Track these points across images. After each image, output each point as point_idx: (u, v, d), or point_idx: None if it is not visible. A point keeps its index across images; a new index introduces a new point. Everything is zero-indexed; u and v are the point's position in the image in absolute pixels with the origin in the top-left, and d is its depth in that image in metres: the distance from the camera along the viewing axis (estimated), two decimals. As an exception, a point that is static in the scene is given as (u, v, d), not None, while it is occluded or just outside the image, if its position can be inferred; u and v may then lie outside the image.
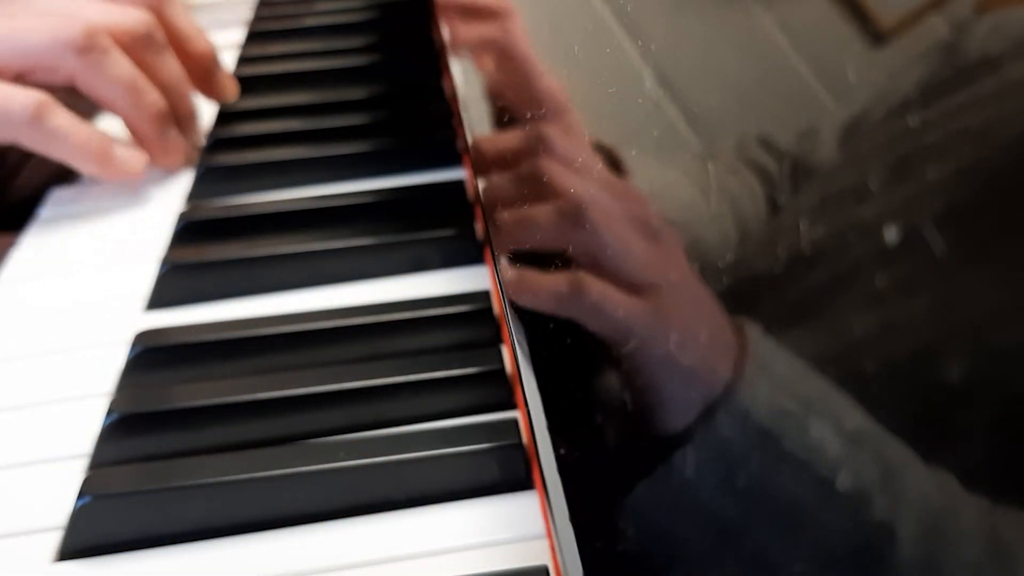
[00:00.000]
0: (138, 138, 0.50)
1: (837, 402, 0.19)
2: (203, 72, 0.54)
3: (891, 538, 0.17)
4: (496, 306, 0.39)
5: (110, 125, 0.52)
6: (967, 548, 0.16)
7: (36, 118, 0.44)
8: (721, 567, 0.20)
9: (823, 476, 0.18)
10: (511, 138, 0.35)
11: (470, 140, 0.39)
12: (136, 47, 0.48)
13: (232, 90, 0.56)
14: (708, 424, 0.21)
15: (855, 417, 0.18)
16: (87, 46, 0.46)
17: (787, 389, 0.20)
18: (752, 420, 0.20)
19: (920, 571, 0.16)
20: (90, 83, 0.47)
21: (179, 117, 0.52)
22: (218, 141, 0.54)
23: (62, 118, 0.45)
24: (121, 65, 0.47)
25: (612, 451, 0.24)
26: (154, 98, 0.49)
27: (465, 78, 0.44)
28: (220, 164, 0.51)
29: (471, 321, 0.38)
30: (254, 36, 0.68)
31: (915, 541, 0.16)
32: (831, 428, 0.18)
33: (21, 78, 0.46)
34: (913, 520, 0.17)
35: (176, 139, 0.51)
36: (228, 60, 0.65)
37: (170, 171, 0.51)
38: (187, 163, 0.52)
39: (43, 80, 0.47)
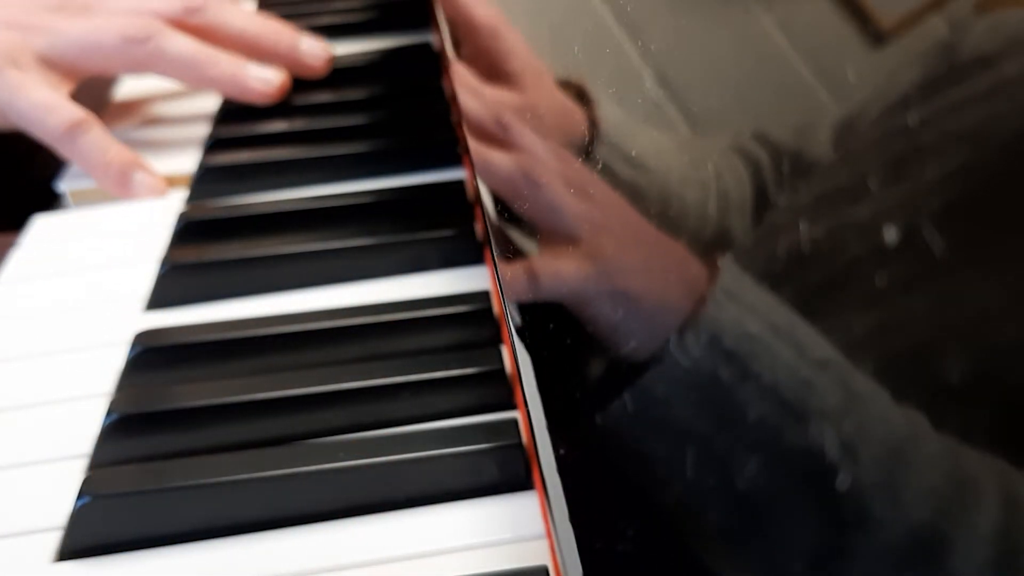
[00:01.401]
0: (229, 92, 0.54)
1: (804, 331, 0.20)
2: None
3: (853, 460, 0.17)
4: (496, 306, 0.39)
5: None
6: (928, 476, 0.16)
7: (69, 135, 0.48)
8: (694, 487, 0.21)
9: (787, 398, 0.19)
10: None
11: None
12: (190, 20, 0.53)
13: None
14: (679, 346, 0.22)
15: (821, 346, 0.19)
16: (145, 37, 0.50)
17: (755, 316, 0.21)
18: (720, 343, 0.21)
19: (879, 493, 0.17)
20: (161, 68, 0.52)
21: (263, 52, 0.55)
22: (218, 141, 0.54)
23: (92, 139, 0.49)
24: (181, 45, 0.51)
25: (612, 451, 0.24)
26: (221, 60, 0.52)
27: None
28: (220, 164, 0.51)
29: (471, 321, 0.38)
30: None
31: (875, 464, 0.17)
32: (796, 354, 0.19)
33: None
34: (874, 444, 0.17)
35: (264, 73, 0.54)
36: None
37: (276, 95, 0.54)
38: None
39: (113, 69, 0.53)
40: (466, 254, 0.42)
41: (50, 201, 0.51)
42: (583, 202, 0.28)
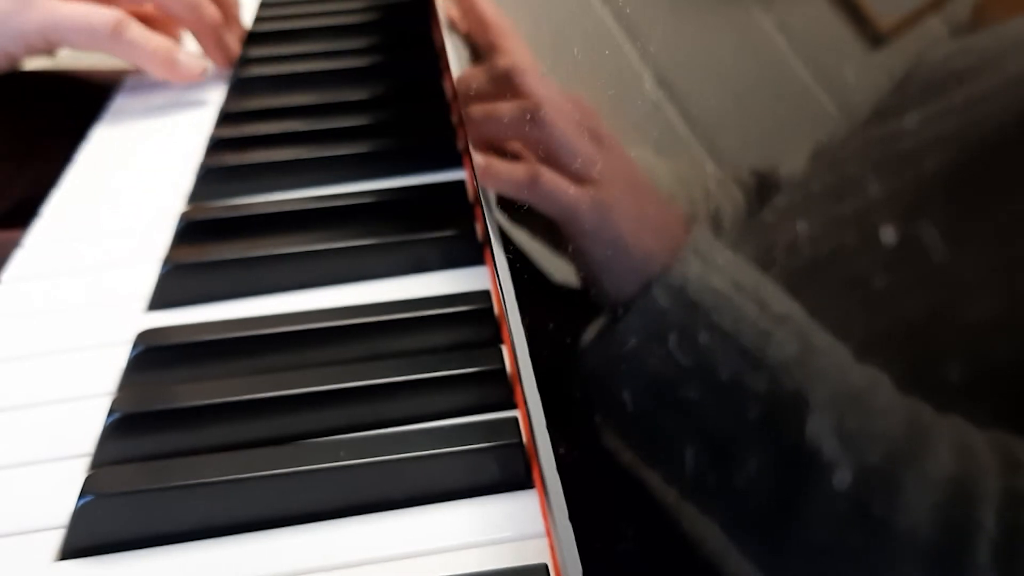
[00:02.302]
0: (202, 42, 0.63)
1: (767, 289, 0.21)
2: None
3: (805, 406, 0.19)
4: (496, 306, 0.39)
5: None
6: (883, 424, 0.17)
7: (116, 32, 0.56)
8: (660, 429, 0.23)
9: (746, 347, 0.21)
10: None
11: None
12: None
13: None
14: (647, 294, 0.24)
15: (782, 303, 0.21)
16: (124, 29, 0.57)
17: (721, 273, 0.23)
18: (685, 294, 0.23)
19: (833, 437, 0.18)
20: (168, 7, 0.61)
21: (228, 20, 0.66)
22: (219, 142, 0.54)
23: (137, 31, 0.57)
24: (142, 37, 0.59)
25: (611, 450, 0.24)
26: (211, 11, 0.62)
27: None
28: (221, 165, 0.51)
29: (471, 321, 0.38)
30: (255, 37, 0.68)
31: (829, 410, 0.18)
32: (757, 308, 0.21)
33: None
34: (828, 392, 0.19)
35: (231, 41, 0.65)
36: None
37: (224, 69, 0.64)
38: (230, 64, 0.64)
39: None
40: (466, 254, 0.42)
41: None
42: (596, 147, 0.31)
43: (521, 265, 0.31)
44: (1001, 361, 0.17)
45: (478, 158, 0.35)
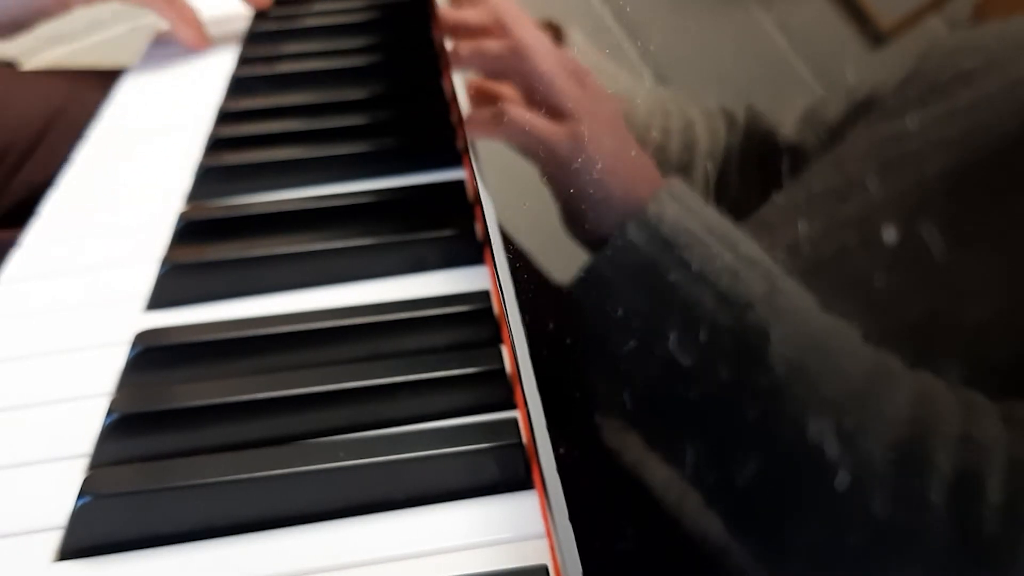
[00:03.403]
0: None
1: (736, 234, 0.22)
2: None
3: (766, 341, 0.20)
4: (496, 306, 0.39)
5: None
6: (846, 364, 0.18)
7: None
8: (633, 359, 0.24)
9: (715, 284, 0.22)
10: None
11: None
12: None
13: None
14: (622, 230, 0.26)
15: (750, 246, 0.22)
16: None
17: (693, 216, 0.24)
18: (658, 232, 0.25)
19: (795, 372, 0.19)
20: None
21: None
22: (218, 141, 0.54)
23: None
24: None
25: (611, 450, 0.24)
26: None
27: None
28: (220, 164, 0.51)
29: (471, 321, 0.38)
30: (254, 37, 0.68)
31: (791, 347, 0.19)
32: (726, 249, 0.22)
33: None
34: (791, 329, 0.19)
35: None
36: (229, 60, 0.66)
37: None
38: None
39: None
40: (466, 254, 0.42)
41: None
42: (576, 87, 0.32)
43: (521, 265, 0.31)
44: (965, 316, 0.17)
45: (463, 106, 0.37)
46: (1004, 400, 0.16)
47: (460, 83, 0.39)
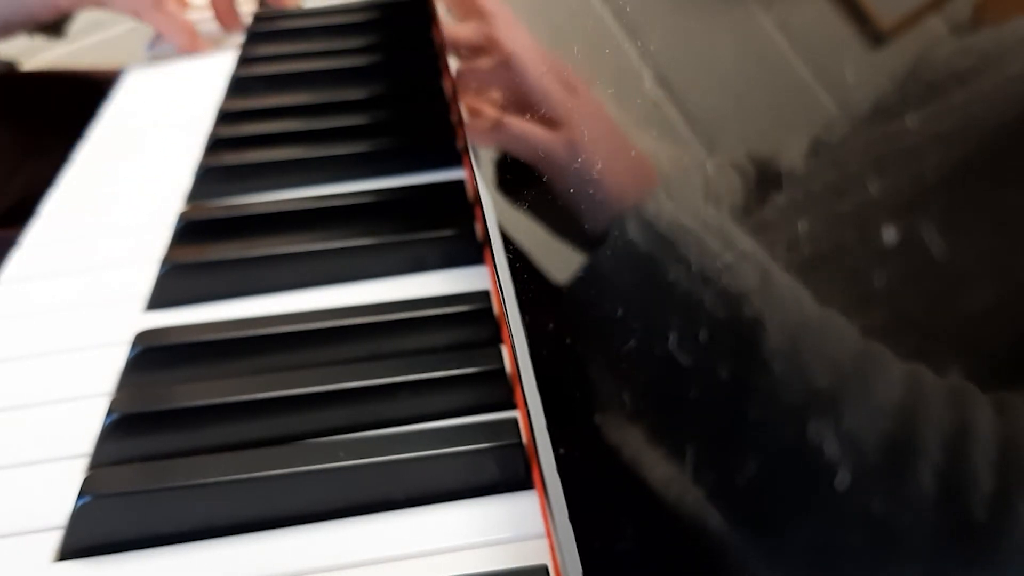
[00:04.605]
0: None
1: (731, 229, 0.23)
2: None
3: (764, 331, 0.20)
4: (496, 306, 0.39)
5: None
6: (834, 350, 0.18)
7: (158, 3, 0.66)
8: (632, 355, 0.24)
9: (710, 278, 0.22)
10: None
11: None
12: None
13: None
14: (621, 228, 0.26)
15: (745, 242, 0.22)
16: None
17: (689, 213, 0.24)
18: (654, 229, 0.25)
19: (786, 360, 0.19)
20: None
21: None
22: (218, 141, 0.54)
23: (173, 5, 0.67)
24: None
25: (611, 450, 0.24)
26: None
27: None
28: (220, 164, 0.51)
29: (471, 321, 0.38)
30: (254, 36, 0.68)
31: (783, 334, 0.20)
32: (722, 245, 0.23)
33: None
34: (784, 318, 0.20)
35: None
36: (229, 60, 0.66)
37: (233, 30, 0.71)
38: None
39: None
40: (466, 254, 0.42)
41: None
42: (569, 94, 0.33)
43: (521, 265, 0.31)
44: (957, 303, 0.17)
45: (465, 118, 0.38)
46: (997, 390, 0.16)
47: (461, 95, 0.40)
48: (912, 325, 0.18)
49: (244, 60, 0.64)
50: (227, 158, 0.51)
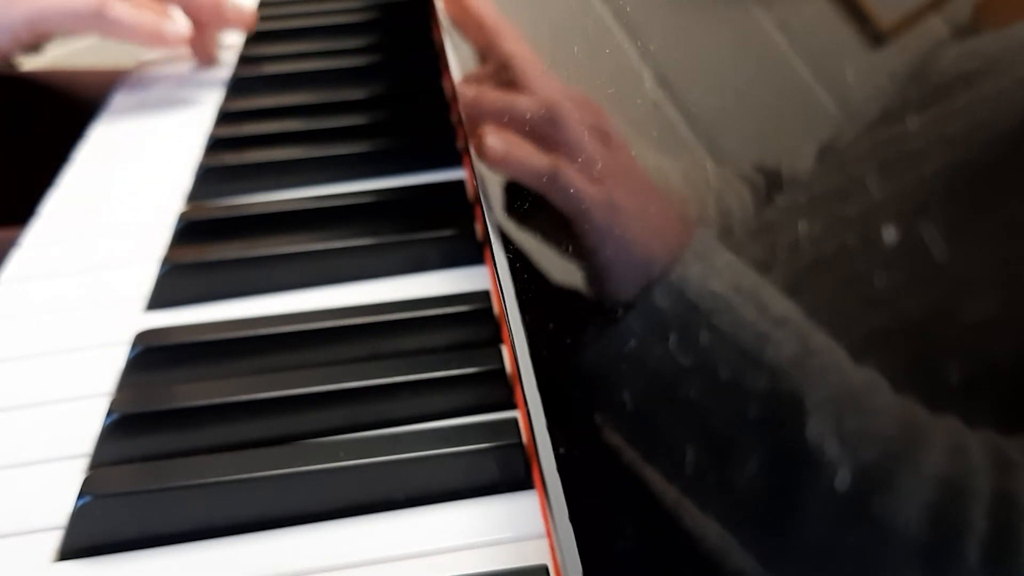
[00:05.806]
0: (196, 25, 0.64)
1: (767, 292, 0.22)
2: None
3: (803, 406, 0.19)
4: (496, 306, 0.39)
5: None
6: (879, 424, 0.18)
7: (100, 12, 0.57)
8: (659, 429, 0.23)
9: (745, 349, 0.21)
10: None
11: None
12: None
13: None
14: (647, 295, 0.25)
15: (782, 305, 0.21)
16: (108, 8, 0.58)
17: (719, 277, 0.23)
18: (684, 296, 0.24)
19: (831, 437, 0.18)
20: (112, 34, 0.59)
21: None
22: (218, 141, 0.54)
23: (120, 8, 0.58)
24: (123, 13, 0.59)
25: (612, 450, 0.24)
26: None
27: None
28: (220, 164, 0.51)
29: (471, 321, 0.38)
30: (254, 36, 0.68)
31: (826, 409, 0.19)
32: (757, 311, 0.22)
33: None
34: (826, 393, 0.19)
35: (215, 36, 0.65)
36: (228, 60, 0.65)
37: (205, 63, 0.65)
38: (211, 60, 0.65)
39: None
40: (466, 254, 0.42)
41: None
42: (601, 146, 0.31)
43: (521, 265, 0.31)
44: (998, 362, 0.17)
45: (496, 142, 0.36)
46: (1003, 405, 0.16)
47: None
48: (917, 330, 0.18)
49: (244, 60, 0.64)
50: (227, 158, 0.51)
